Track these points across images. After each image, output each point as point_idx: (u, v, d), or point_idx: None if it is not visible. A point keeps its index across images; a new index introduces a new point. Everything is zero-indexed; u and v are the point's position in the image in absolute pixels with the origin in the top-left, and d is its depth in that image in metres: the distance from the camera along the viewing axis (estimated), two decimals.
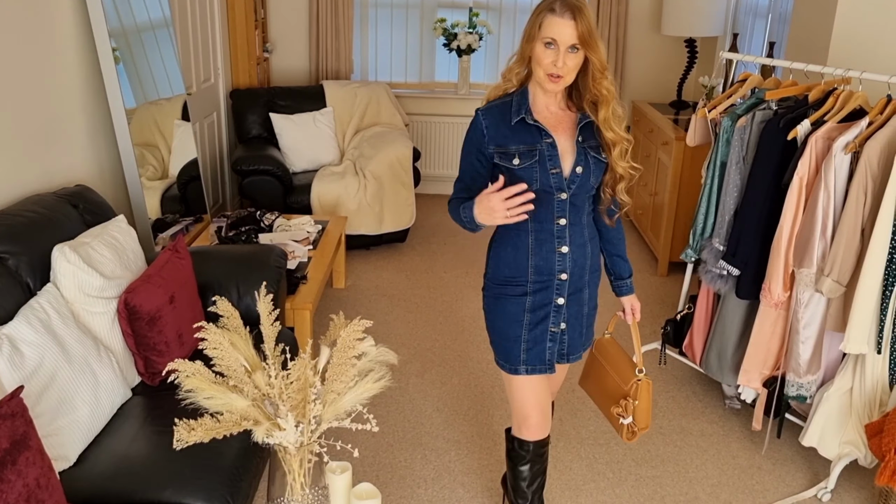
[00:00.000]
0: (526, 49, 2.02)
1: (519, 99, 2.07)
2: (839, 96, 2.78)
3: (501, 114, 2.07)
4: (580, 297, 2.24)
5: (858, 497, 2.78)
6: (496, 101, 2.11)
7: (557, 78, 1.98)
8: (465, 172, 2.14)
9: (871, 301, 2.58)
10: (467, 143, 2.12)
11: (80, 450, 2.09)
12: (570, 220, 2.11)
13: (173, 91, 4.15)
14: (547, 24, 1.95)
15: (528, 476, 2.31)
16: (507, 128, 2.05)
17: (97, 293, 2.36)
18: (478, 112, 2.09)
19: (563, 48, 1.95)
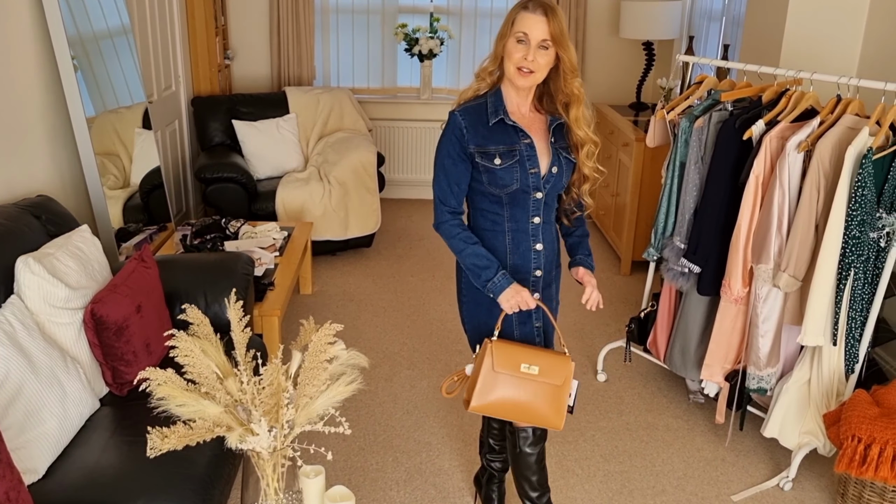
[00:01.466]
0: (499, 47, 2.07)
1: (493, 100, 2.12)
2: (791, 97, 2.86)
3: (478, 114, 2.11)
4: (549, 293, 2.31)
5: (819, 484, 2.86)
6: (470, 102, 2.14)
7: (528, 73, 2.03)
8: (449, 176, 2.12)
9: (826, 294, 2.66)
10: (446, 146, 2.11)
11: (49, 462, 2.08)
12: (543, 218, 2.18)
13: (133, 99, 4.12)
14: (519, 20, 2.02)
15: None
16: (485, 128, 2.09)
17: (62, 304, 2.34)
18: (454, 114, 2.11)
19: (534, 43, 2.01)
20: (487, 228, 2.18)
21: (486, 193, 2.14)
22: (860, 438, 2.44)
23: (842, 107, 2.75)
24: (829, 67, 3.67)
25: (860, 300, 2.69)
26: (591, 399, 3.40)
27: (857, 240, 2.60)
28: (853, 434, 2.45)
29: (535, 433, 2.30)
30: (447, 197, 2.13)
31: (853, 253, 2.61)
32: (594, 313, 4.21)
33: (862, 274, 2.65)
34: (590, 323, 4.11)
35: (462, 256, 2.14)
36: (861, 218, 2.57)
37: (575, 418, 3.24)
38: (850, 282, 2.65)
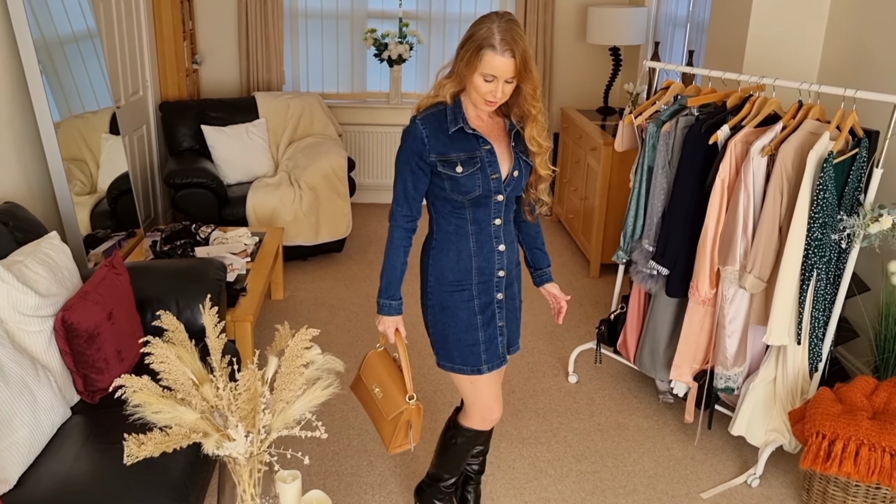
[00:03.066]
0: (464, 73, 2.07)
1: (453, 108, 2.13)
2: (755, 102, 2.94)
3: (438, 122, 2.13)
4: (512, 291, 2.37)
5: (785, 481, 2.92)
6: (430, 109, 2.16)
7: (494, 103, 2.09)
8: (406, 183, 2.16)
9: (790, 295, 2.73)
10: (405, 153, 2.15)
11: (20, 472, 2.05)
12: (503, 219, 2.24)
13: (99, 104, 4.08)
14: (487, 61, 2.01)
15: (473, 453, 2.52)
16: (445, 136, 2.12)
17: (32, 312, 2.32)
18: (416, 121, 2.13)
19: (502, 80, 2.04)
20: (451, 232, 2.22)
21: (448, 199, 2.18)
22: (824, 435, 2.50)
23: (803, 112, 2.82)
24: (791, 73, 3.77)
25: (823, 300, 2.76)
26: (562, 400, 3.44)
27: (820, 241, 2.67)
28: (817, 431, 2.52)
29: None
30: (402, 201, 2.20)
31: (815, 254, 2.68)
32: (565, 316, 4.25)
33: (824, 275, 2.73)
34: (560, 326, 4.15)
35: (390, 263, 2.26)
36: (823, 220, 2.65)
37: (547, 420, 3.28)
38: (813, 282, 2.72)
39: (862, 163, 2.70)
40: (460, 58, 2.08)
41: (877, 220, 2.62)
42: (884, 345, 3.08)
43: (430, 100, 2.19)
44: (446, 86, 2.14)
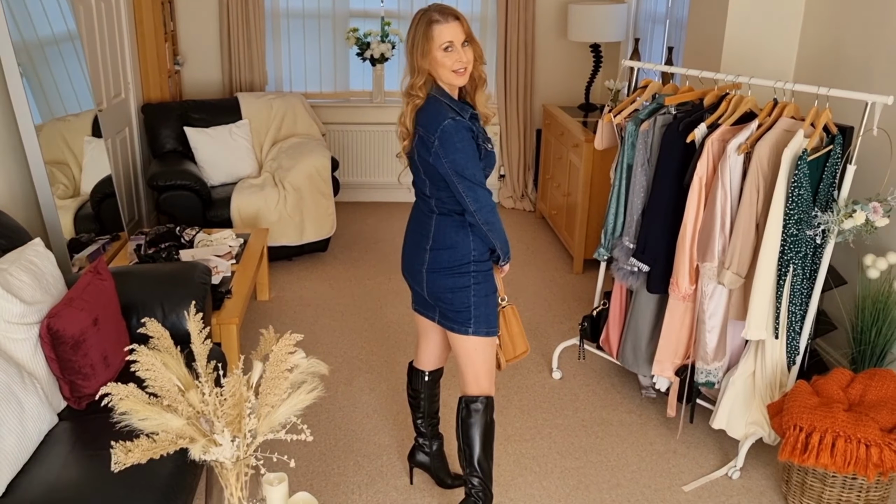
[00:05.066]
0: (423, 63, 2.25)
1: (449, 101, 2.29)
2: (731, 101, 2.98)
3: (461, 113, 2.28)
4: None
5: (765, 472, 2.98)
6: (443, 107, 2.26)
7: (463, 70, 2.26)
8: (480, 171, 2.29)
9: (768, 290, 2.78)
10: (470, 147, 2.27)
11: (8, 479, 2.06)
12: None
13: (81, 106, 4.07)
14: (438, 33, 2.21)
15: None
16: (470, 122, 2.30)
17: (18, 320, 2.33)
18: (456, 119, 2.25)
19: (459, 46, 2.23)
20: (458, 211, 2.36)
21: None
22: (801, 427, 2.55)
23: (778, 110, 2.87)
24: (768, 70, 3.82)
25: (800, 294, 2.81)
26: (546, 397, 3.48)
27: (795, 237, 2.72)
28: (795, 423, 2.57)
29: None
30: (482, 182, 2.30)
31: (791, 250, 2.73)
32: (549, 312, 4.30)
33: (801, 269, 2.78)
34: (544, 322, 4.19)
35: (505, 236, 2.38)
36: (798, 217, 2.70)
37: (531, 416, 3.32)
38: (790, 277, 2.77)
39: (836, 159, 2.75)
40: (414, 53, 2.25)
41: (850, 215, 2.67)
42: (860, 337, 3.14)
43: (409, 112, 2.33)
44: (415, 85, 2.29)
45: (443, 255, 2.37)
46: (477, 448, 2.46)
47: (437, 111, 2.26)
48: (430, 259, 2.39)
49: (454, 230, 2.36)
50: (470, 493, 2.47)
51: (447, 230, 2.37)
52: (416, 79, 2.27)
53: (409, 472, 2.87)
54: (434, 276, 2.40)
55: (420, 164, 2.33)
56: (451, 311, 2.41)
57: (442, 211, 2.37)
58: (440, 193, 2.34)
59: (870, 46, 3.37)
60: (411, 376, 2.76)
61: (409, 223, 2.52)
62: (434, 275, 2.40)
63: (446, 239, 2.37)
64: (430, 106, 2.28)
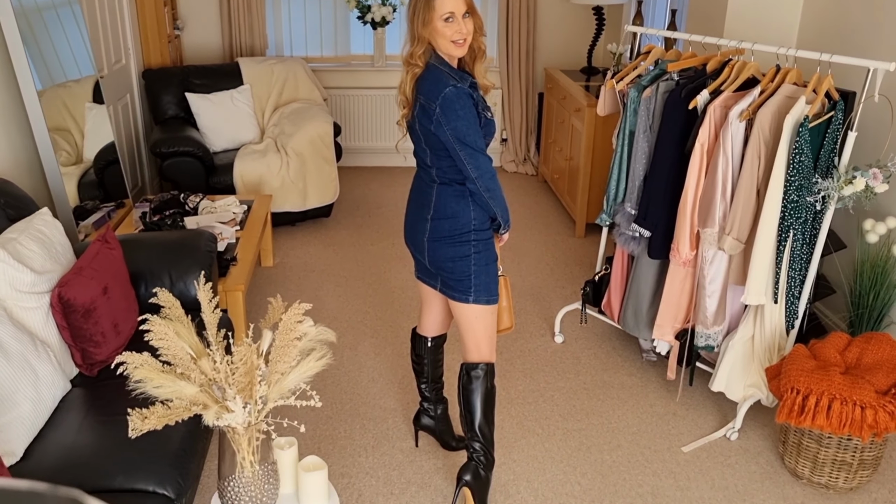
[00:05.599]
0: (423, 32, 2.26)
1: (449, 70, 2.30)
2: (734, 66, 2.98)
3: (461, 82, 2.29)
4: None
5: (762, 434, 3.04)
6: (444, 75, 2.27)
7: (463, 42, 2.27)
8: (481, 139, 2.31)
9: (768, 256, 2.82)
10: (472, 114, 2.28)
11: (25, 444, 2.13)
12: None
13: (81, 72, 4.06)
14: (440, 3, 2.22)
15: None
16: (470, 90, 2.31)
17: (29, 289, 2.37)
18: (457, 86, 2.26)
19: (460, 17, 2.24)
20: (459, 181, 2.37)
21: None
22: (799, 390, 2.61)
23: (781, 76, 2.87)
24: (771, 35, 3.80)
25: (799, 260, 2.84)
26: (549, 360, 3.54)
27: (796, 203, 2.74)
28: (792, 386, 2.62)
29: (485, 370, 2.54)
30: (483, 149, 2.33)
31: (792, 216, 2.76)
32: (551, 276, 4.35)
33: (800, 235, 2.81)
34: (546, 286, 4.24)
35: (505, 203, 2.40)
36: (799, 183, 2.72)
37: (534, 380, 3.38)
38: (790, 243, 2.80)
39: (837, 125, 2.76)
40: (415, 21, 2.26)
41: (850, 182, 2.69)
42: (858, 300, 3.18)
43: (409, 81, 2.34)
44: (414, 54, 2.30)
45: (444, 224, 2.40)
46: (478, 414, 2.51)
47: (437, 79, 2.27)
48: (432, 228, 2.42)
49: (455, 200, 2.38)
50: (471, 457, 2.53)
51: (448, 200, 2.39)
52: (416, 47, 2.28)
53: (415, 434, 2.94)
54: (435, 245, 2.43)
55: (421, 133, 2.35)
56: (452, 279, 2.44)
57: (443, 180, 2.39)
58: (441, 163, 2.36)
59: (873, 12, 3.35)
60: (415, 342, 2.81)
61: (411, 193, 2.54)
62: (435, 244, 2.43)
63: (447, 208, 2.39)
64: (431, 74, 2.29)
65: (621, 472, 2.83)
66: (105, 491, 2.02)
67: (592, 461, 2.88)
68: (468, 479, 2.51)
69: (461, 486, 2.51)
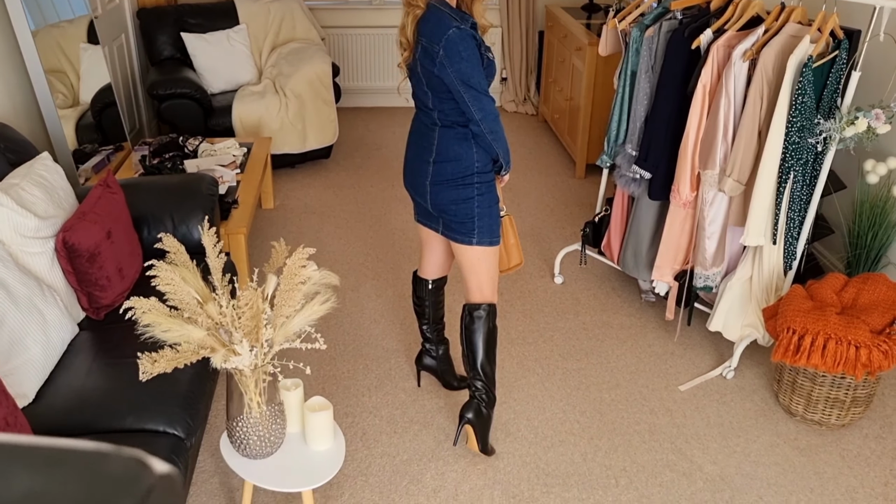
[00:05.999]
0: None
1: (451, 11, 2.28)
2: (738, 5, 2.93)
3: (465, 23, 2.28)
4: None
5: (758, 372, 3.10)
6: (446, 16, 2.25)
7: None
8: (484, 80, 2.30)
9: (768, 197, 2.82)
10: (475, 56, 2.27)
11: (36, 387, 2.17)
12: None
13: (74, 12, 4.00)
14: None
15: None
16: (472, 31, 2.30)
17: (33, 234, 2.38)
18: (461, 28, 2.24)
19: None
20: (462, 123, 2.38)
21: None
22: (794, 330, 2.65)
23: (785, 15, 2.83)
24: None
25: (799, 201, 2.85)
26: (548, 301, 3.58)
27: (797, 145, 2.74)
28: (788, 326, 2.66)
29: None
30: (486, 88, 2.32)
31: (793, 157, 2.76)
32: (551, 217, 4.36)
33: (801, 176, 2.81)
34: (546, 227, 4.26)
35: (504, 139, 2.39)
36: (801, 124, 2.71)
37: (534, 320, 3.43)
38: (790, 184, 2.81)
39: (841, 65, 2.74)
40: None
41: (852, 123, 2.68)
42: (856, 241, 3.20)
43: (411, 22, 2.32)
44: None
45: (446, 167, 2.40)
46: (480, 353, 2.56)
47: (440, 20, 2.24)
48: (434, 172, 2.42)
49: (457, 142, 2.38)
50: (473, 396, 2.59)
51: (450, 142, 2.39)
52: None
53: (417, 374, 2.99)
54: (438, 188, 2.43)
55: (423, 75, 2.33)
56: (455, 222, 2.46)
57: (444, 123, 2.38)
58: (443, 105, 2.35)
59: None
60: (416, 285, 2.84)
61: (411, 136, 2.53)
62: (438, 187, 2.43)
63: (449, 151, 2.39)
64: (433, 15, 2.26)
65: (619, 410, 2.89)
66: (116, 431, 2.08)
67: (591, 400, 2.94)
68: (470, 417, 2.57)
69: (463, 424, 2.58)
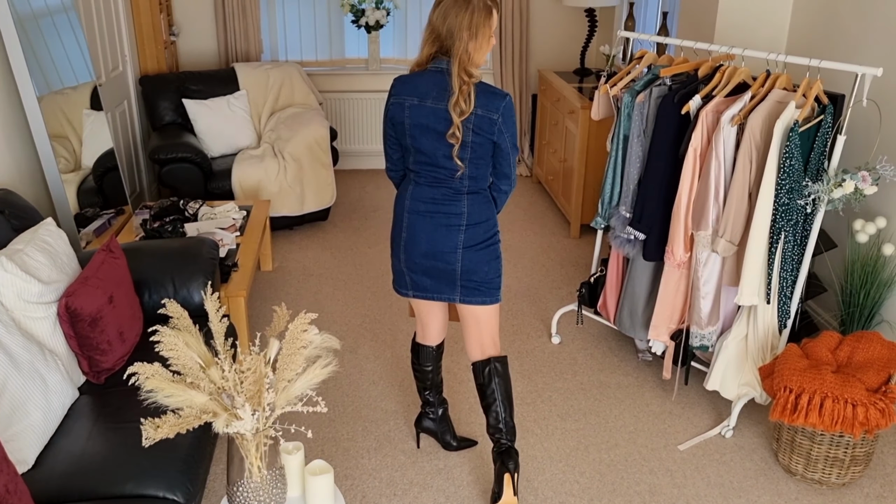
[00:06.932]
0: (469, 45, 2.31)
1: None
2: (725, 72, 3.04)
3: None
4: None
5: (756, 431, 3.10)
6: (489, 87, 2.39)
7: None
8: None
9: (760, 257, 2.87)
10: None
11: (36, 452, 2.17)
12: None
13: (78, 79, 4.09)
14: (495, 20, 2.37)
15: None
16: None
17: (36, 299, 2.41)
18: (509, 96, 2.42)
19: None
20: (485, 188, 2.56)
21: None
22: (791, 389, 2.67)
23: (771, 81, 2.93)
24: (761, 39, 3.86)
25: (790, 261, 2.91)
26: (546, 361, 3.59)
27: (787, 206, 2.80)
28: (785, 385, 2.68)
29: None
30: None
31: (783, 218, 2.82)
32: (546, 277, 4.40)
33: (792, 237, 2.87)
34: (542, 287, 4.29)
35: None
36: (790, 186, 2.78)
37: (532, 381, 3.44)
38: (781, 245, 2.86)
39: (826, 129, 2.82)
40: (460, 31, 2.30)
41: (840, 185, 2.75)
42: (849, 299, 3.24)
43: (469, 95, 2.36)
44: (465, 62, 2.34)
45: (478, 230, 2.50)
46: (513, 400, 2.67)
47: (489, 89, 2.38)
48: (467, 237, 2.49)
49: (484, 205, 2.51)
50: (510, 445, 2.65)
51: (479, 206, 2.50)
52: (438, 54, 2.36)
53: (416, 436, 2.99)
54: (471, 252, 2.51)
55: (475, 143, 2.37)
56: (483, 283, 2.55)
57: (472, 189, 2.48)
58: (479, 171, 2.45)
59: (861, 18, 3.41)
60: (419, 352, 2.84)
61: (423, 205, 2.49)
62: (470, 251, 2.50)
63: (480, 214, 2.50)
64: (480, 85, 2.36)
65: (619, 470, 2.89)
66: (115, 497, 2.07)
67: (591, 460, 2.94)
68: (511, 466, 2.60)
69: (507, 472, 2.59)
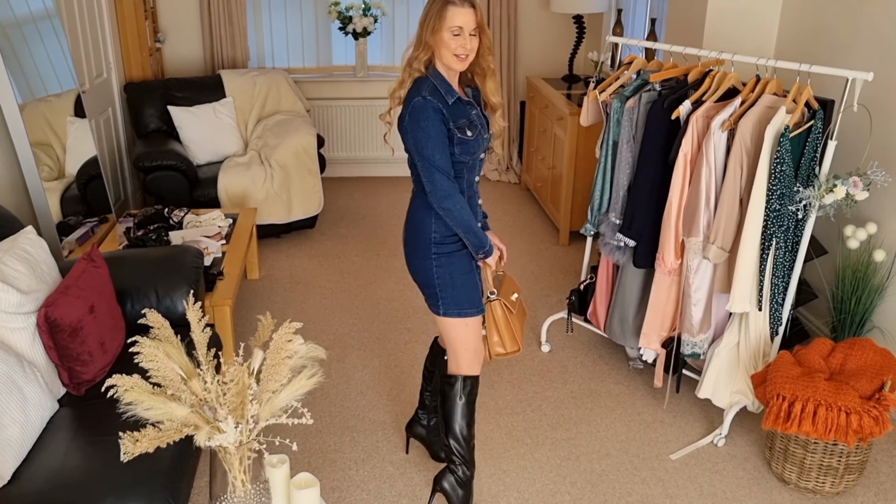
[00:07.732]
0: (430, 39, 2.29)
1: (440, 82, 2.32)
2: (714, 77, 3.02)
3: (440, 97, 2.30)
4: None
5: (749, 439, 3.07)
6: (423, 88, 2.29)
7: (465, 57, 2.30)
8: (442, 155, 2.29)
9: (751, 264, 2.85)
10: (434, 129, 2.27)
11: (13, 467, 2.11)
12: (479, 175, 2.48)
13: (62, 86, 4.04)
14: (450, 16, 2.25)
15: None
16: (448, 108, 2.30)
17: (15, 309, 2.35)
18: (427, 99, 2.27)
19: (467, 32, 2.27)
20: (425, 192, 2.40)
21: (454, 163, 2.35)
22: (784, 396, 2.64)
23: (761, 86, 2.91)
24: (749, 45, 3.85)
25: (782, 267, 2.88)
26: (536, 370, 3.55)
27: (778, 212, 2.78)
28: (778, 393, 2.65)
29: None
30: (449, 169, 2.32)
31: (774, 224, 2.79)
32: (536, 285, 4.36)
33: (783, 243, 2.84)
34: (532, 295, 4.26)
35: (468, 227, 2.36)
36: (781, 192, 2.75)
37: (522, 390, 3.39)
38: (773, 251, 2.84)
39: (817, 134, 2.80)
40: (425, 27, 2.28)
41: (831, 190, 2.73)
42: (840, 305, 3.22)
43: (408, 83, 2.35)
44: (418, 58, 2.33)
45: (412, 234, 2.46)
46: (453, 424, 2.54)
47: (416, 88, 2.31)
48: (405, 238, 2.49)
49: (421, 210, 2.42)
50: (448, 466, 2.58)
51: (417, 209, 2.44)
52: (420, 52, 2.32)
53: (406, 441, 2.94)
54: (407, 255, 2.50)
55: (402, 136, 2.39)
56: (422, 290, 2.50)
57: (416, 192, 2.45)
58: (414, 170, 2.41)
59: (850, 22, 3.40)
60: (432, 352, 2.82)
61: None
62: (407, 254, 2.50)
63: (414, 218, 2.45)
64: (416, 82, 2.33)
65: (611, 480, 2.85)
66: None
67: (582, 470, 2.90)
68: (444, 486, 2.56)
69: (436, 492, 2.58)
